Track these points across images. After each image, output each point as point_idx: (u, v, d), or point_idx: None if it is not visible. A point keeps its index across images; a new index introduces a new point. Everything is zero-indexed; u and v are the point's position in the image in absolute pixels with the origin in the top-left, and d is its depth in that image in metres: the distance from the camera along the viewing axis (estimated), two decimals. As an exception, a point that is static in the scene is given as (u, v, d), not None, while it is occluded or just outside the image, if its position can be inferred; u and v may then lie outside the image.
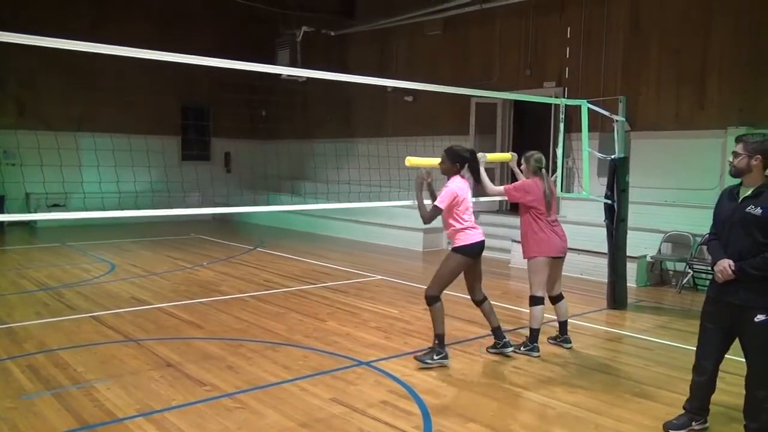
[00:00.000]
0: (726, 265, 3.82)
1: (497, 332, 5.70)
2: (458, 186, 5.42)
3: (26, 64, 14.27)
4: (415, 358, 5.50)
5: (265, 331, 6.41)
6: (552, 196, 5.79)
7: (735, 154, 3.90)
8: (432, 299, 5.38)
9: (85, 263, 10.36)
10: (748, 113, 9.43)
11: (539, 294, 5.76)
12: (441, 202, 5.33)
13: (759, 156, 3.80)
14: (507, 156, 6.59)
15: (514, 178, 6.42)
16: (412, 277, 9.67)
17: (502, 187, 5.99)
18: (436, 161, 6.28)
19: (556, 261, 5.84)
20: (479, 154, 6.17)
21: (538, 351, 5.75)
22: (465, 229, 5.41)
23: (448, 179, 5.49)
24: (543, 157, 5.93)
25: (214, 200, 16.91)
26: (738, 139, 3.94)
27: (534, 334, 5.77)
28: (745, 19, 9.55)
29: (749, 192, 3.85)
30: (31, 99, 15.26)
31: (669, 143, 10.29)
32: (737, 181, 3.97)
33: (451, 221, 5.45)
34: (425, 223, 5.32)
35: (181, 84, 16.14)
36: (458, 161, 5.48)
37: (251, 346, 5.92)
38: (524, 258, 5.88)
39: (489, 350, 5.81)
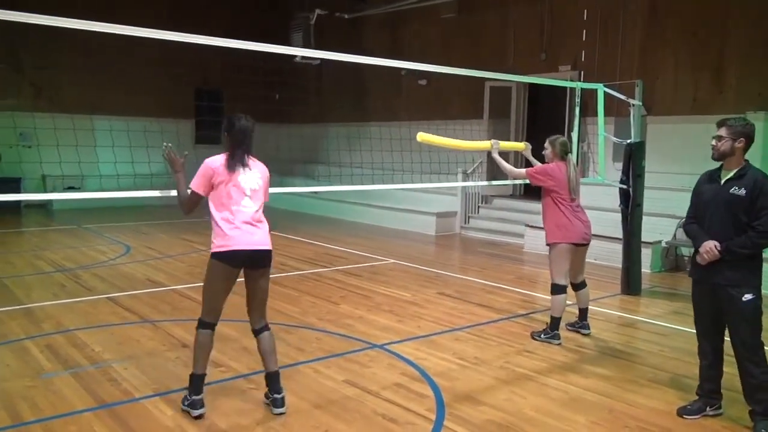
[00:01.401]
0: (712, 245, 3.86)
1: (272, 378, 4.10)
2: (219, 160, 3.95)
3: (42, 47, 14.33)
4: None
5: (278, 314, 6.44)
6: (577, 182, 5.67)
7: (718, 138, 3.94)
8: (199, 324, 4.02)
9: (101, 245, 10.46)
10: (767, 98, 9.30)
11: (561, 282, 5.62)
12: (194, 182, 3.94)
13: (743, 139, 3.88)
14: (520, 145, 6.54)
15: (527, 165, 6.38)
16: (425, 261, 9.68)
17: (524, 170, 5.91)
18: (450, 141, 6.25)
19: (579, 248, 5.69)
20: (492, 141, 6.16)
21: (559, 339, 5.66)
22: (226, 225, 3.86)
23: None
24: (568, 141, 5.87)
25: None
26: (720, 123, 3.97)
27: (555, 322, 5.67)
28: (765, 2, 9.38)
29: (731, 174, 3.91)
30: (47, 82, 15.35)
31: (686, 128, 10.16)
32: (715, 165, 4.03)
33: (211, 212, 3.94)
34: (184, 211, 4.05)
35: (195, 67, 16.12)
36: (227, 130, 4.02)
37: (265, 328, 5.95)
38: (546, 244, 5.75)
39: None
